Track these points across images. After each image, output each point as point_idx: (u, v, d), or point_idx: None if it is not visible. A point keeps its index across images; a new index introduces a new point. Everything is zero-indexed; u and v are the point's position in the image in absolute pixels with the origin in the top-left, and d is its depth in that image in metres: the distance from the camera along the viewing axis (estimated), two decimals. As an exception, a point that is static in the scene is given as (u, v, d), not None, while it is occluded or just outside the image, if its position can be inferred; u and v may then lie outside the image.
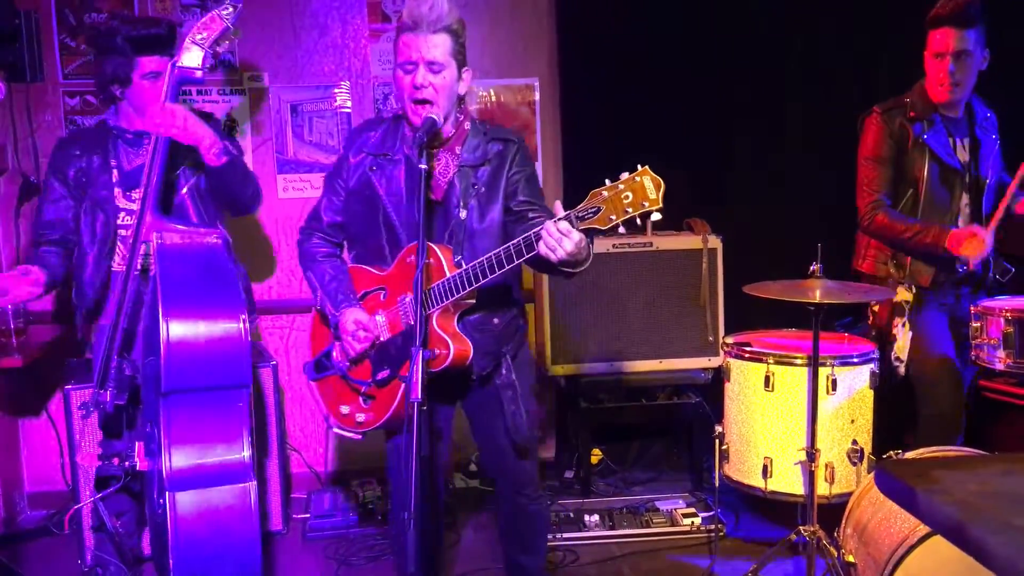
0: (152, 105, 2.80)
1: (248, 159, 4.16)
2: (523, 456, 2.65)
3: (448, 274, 2.35)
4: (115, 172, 2.95)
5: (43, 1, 3.93)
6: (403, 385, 2.42)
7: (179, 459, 2.51)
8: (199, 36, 2.73)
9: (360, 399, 2.59)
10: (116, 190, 2.94)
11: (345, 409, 2.62)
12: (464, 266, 2.33)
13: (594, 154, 4.08)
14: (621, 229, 2.09)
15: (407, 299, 2.45)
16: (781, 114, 4.22)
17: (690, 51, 4.11)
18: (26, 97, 3.93)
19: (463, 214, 2.45)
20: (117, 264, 2.94)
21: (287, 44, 4.15)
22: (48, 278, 2.91)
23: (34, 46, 3.58)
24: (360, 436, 2.62)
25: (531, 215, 2.46)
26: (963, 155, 3.30)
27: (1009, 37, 3.38)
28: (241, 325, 2.55)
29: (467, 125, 2.52)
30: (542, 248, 2.15)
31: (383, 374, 2.51)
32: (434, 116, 2.34)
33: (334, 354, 2.64)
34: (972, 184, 3.31)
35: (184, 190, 2.94)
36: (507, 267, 2.25)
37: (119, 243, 2.94)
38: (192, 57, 2.73)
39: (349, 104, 4.21)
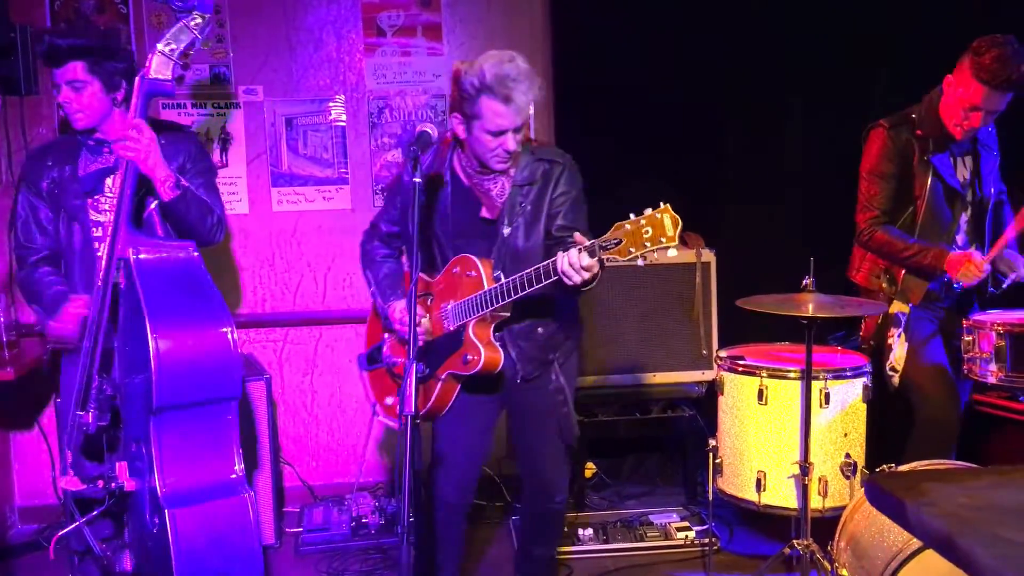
0: (71, 112, 2.80)
1: (242, 172, 4.17)
2: (564, 461, 2.83)
3: (486, 287, 2.50)
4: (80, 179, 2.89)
5: (38, 15, 3.95)
6: (439, 384, 2.66)
7: (174, 476, 2.50)
8: (167, 48, 2.64)
9: None
10: (87, 200, 2.87)
11: (389, 400, 2.86)
12: (501, 281, 2.47)
13: (589, 169, 4.06)
14: (640, 262, 2.20)
15: (448, 307, 2.62)
16: (776, 127, 4.24)
17: (686, 66, 4.13)
18: (20, 110, 3.94)
19: (507, 231, 2.59)
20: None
21: (282, 58, 4.17)
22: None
23: (29, 60, 3.58)
24: (399, 426, 2.72)
25: (569, 241, 2.50)
26: (964, 173, 3.28)
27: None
28: (230, 336, 2.57)
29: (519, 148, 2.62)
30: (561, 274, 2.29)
31: (421, 372, 2.62)
32: (427, 130, 2.45)
33: (384, 348, 2.86)
34: (974, 203, 3.31)
35: (153, 205, 2.83)
36: (531, 288, 2.38)
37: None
38: (161, 68, 2.64)
39: (344, 118, 4.22)
